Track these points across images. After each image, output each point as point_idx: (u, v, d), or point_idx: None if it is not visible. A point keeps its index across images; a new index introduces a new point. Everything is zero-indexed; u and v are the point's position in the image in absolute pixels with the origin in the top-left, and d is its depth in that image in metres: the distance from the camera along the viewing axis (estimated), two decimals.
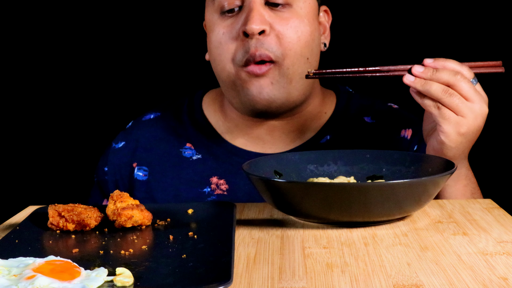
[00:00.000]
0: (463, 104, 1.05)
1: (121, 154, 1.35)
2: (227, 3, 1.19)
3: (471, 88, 1.06)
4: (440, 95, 1.05)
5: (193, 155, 1.31)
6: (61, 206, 0.93)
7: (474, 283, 0.73)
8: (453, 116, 1.05)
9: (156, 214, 0.96)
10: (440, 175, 0.94)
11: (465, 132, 1.06)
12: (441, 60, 1.08)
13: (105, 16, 1.95)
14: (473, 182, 1.16)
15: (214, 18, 1.22)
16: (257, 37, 1.17)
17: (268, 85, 1.19)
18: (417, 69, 1.07)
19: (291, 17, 1.19)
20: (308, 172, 1.11)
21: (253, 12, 1.16)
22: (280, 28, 1.18)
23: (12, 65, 1.98)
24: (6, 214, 1.13)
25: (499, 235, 0.90)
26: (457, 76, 1.05)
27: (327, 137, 1.30)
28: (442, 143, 1.07)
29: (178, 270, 0.75)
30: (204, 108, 1.36)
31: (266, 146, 1.30)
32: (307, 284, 0.74)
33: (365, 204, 0.91)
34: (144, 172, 1.32)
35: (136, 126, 1.38)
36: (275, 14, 1.18)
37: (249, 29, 1.16)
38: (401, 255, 0.83)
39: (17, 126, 2.00)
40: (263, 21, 1.17)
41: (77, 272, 0.72)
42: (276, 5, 1.19)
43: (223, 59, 1.21)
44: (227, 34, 1.20)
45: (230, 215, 0.94)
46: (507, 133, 1.85)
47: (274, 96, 1.20)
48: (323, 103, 1.32)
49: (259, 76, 1.18)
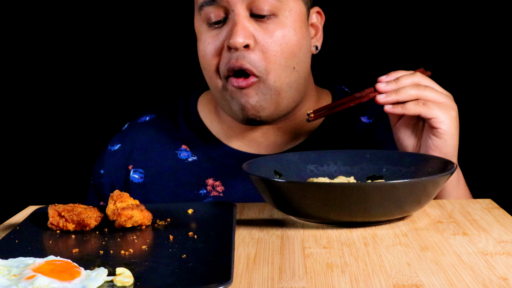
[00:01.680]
0: (437, 92, 1.09)
1: (117, 156, 1.35)
2: (213, 15, 1.18)
3: (426, 78, 1.11)
4: (417, 92, 1.08)
5: (188, 157, 1.31)
6: (61, 206, 0.93)
7: (474, 283, 0.73)
8: (439, 104, 1.09)
9: (156, 214, 0.96)
10: (440, 175, 0.94)
11: (455, 115, 1.10)
12: (392, 73, 1.12)
13: (100, 18, 1.95)
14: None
15: (202, 28, 1.21)
16: (241, 49, 1.16)
17: (254, 95, 1.18)
18: (381, 85, 1.11)
19: (276, 28, 1.17)
20: (308, 172, 1.11)
21: (237, 26, 1.15)
22: (263, 41, 1.16)
23: (12, 68, 1.98)
24: (6, 214, 1.13)
25: (499, 235, 0.90)
26: (415, 76, 1.10)
27: (323, 137, 1.30)
28: (445, 133, 1.08)
29: (178, 270, 0.75)
30: (199, 109, 1.35)
31: (261, 148, 1.29)
32: (307, 284, 0.74)
33: (365, 204, 0.91)
34: (140, 174, 1.32)
35: (131, 128, 1.38)
36: (260, 26, 1.17)
37: (233, 43, 1.14)
38: (401, 255, 0.83)
39: (17, 127, 2.00)
40: (247, 35, 1.15)
41: (77, 272, 0.72)
42: (261, 16, 1.16)
43: (209, 70, 1.21)
44: (211, 44, 1.19)
45: (230, 215, 0.94)
46: (507, 133, 1.85)
47: (262, 105, 1.19)
48: (318, 103, 1.32)
49: (243, 88, 1.18)
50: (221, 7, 1.17)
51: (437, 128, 1.08)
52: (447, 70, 1.84)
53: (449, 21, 1.86)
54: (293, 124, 1.29)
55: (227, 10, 1.17)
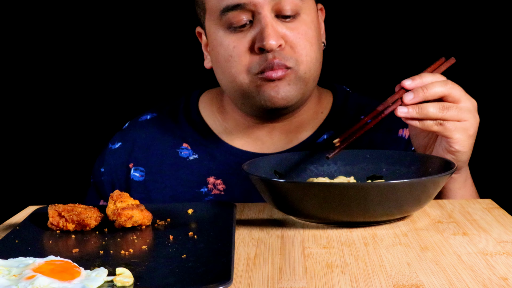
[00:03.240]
0: (461, 111, 1.06)
1: (117, 154, 1.35)
2: (237, 19, 1.20)
3: (458, 90, 1.07)
4: (439, 114, 1.06)
5: (189, 155, 1.31)
6: (61, 206, 0.93)
7: (474, 283, 0.73)
8: (458, 124, 1.07)
9: (156, 214, 0.96)
10: (440, 175, 0.94)
11: (473, 133, 1.08)
12: (417, 78, 1.08)
13: (101, 17, 1.95)
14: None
15: (221, 33, 1.23)
16: (275, 50, 1.19)
17: (285, 86, 1.21)
18: (408, 97, 1.06)
19: (300, 26, 1.21)
20: (308, 172, 1.11)
21: (268, 28, 1.18)
22: (293, 39, 1.21)
23: (12, 68, 1.98)
24: (6, 214, 1.13)
25: (499, 235, 0.90)
26: (448, 85, 1.07)
27: (324, 136, 1.30)
28: (457, 152, 1.08)
29: (178, 270, 0.75)
30: (200, 108, 1.36)
31: (264, 147, 1.30)
32: (307, 284, 0.74)
33: (365, 204, 0.91)
34: (141, 172, 1.32)
35: (132, 126, 1.38)
36: (286, 26, 1.21)
37: (268, 45, 1.17)
38: (401, 255, 0.83)
39: (17, 127, 2.00)
40: (279, 36, 1.19)
41: (77, 272, 0.72)
42: (286, 17, 1.20)
43: (234, 72, 1.22)
44: (238, 48, 1.21)
45: (230, 215, 0.94)
46: (507, 133, 1.85)
47: (291, 95, 1.22)
48: (319, 102, 1.33)
49: (275, 80, 1.20)
50: (247, 11, 1.19)
51: (451, 147, 1.08)
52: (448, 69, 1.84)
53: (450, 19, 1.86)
54: (296, 122, 1.30)
55: (253, 13, 1.19)
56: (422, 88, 1.07)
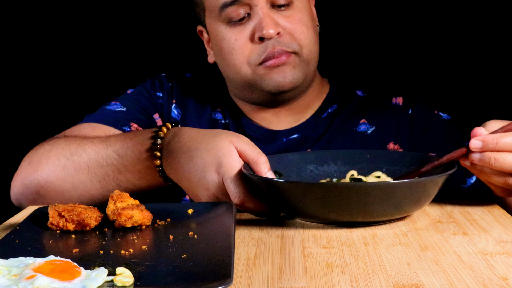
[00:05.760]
0: None
1: (165, 88, 1.40)
2: (235, 14, 1.26)
3: None
4: (501, 179, 0.97)
5: (222, 119, 1.37)
6: (61, 206, 0.93)
7: (474, 283, 0.73)
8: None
9: (156, 214, 0.96)
10: (440, 175, 0.94)
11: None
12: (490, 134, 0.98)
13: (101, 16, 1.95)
14: None
15: (221, 28, 1.29)
16: (274, 37, 1.25)
17: (290, 69, 1.27)
18: (475, 157, 0.96)
19: (294, 13, 1.28)
20: (308, 172, 1.11)
21: (266, 18, 1.25)
22: (290, 26, 1.27)
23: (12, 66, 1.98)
24: (6, 214, 1.13)
25: (499, 235, 0.90)
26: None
27: (328, 110, 1.36)
28: (501, 197, 1.07)
29: (178, 270, 0.75)
30: None
31: (271, 126, 1.35)
32: (307, 284, 0.74)
33: (365, 204, 0.91)
34: (179, 112, 1.38)
35: (174, 77, 1.43)
36: (282, 15, 1.27)
37: (267, 34, 1.24)
38: (401, 255, 0.83)
39: (16, 126, 2.00)
40: (276, 24, 1.25)
41: (77, 272, 0.72)
42: (281, 6, 1.27)
43: (238, 63, 1.28)
44: (239, 40, 1.27)
45: (230, 215, 0.94)
46: None
47: (297, 77, 1.28)
48: (321, 85, 1.40)
49: (279, 66, 1.26)
50: (244, 4, 1.26)
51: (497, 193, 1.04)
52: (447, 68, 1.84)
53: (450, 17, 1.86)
54: (302, 104, 1.35)
55: (250, 6, 1.26)
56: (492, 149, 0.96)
